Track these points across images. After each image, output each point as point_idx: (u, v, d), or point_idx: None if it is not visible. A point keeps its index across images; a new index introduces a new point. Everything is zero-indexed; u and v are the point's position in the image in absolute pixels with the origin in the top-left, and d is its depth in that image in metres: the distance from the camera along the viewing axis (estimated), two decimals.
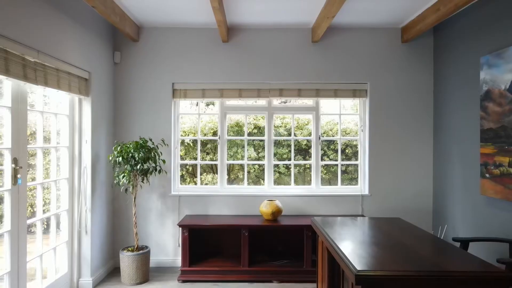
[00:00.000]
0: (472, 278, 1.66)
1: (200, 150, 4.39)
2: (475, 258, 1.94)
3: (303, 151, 4.90)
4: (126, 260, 3.47)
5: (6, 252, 2.48)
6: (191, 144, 4.79)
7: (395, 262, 1.84)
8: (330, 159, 4.77)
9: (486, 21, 3.10)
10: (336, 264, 2.49)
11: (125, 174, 3.43)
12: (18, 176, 2.52)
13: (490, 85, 2.97)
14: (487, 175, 3.00)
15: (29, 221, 2.69)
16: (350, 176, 4.80)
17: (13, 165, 2.48)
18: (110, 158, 3.45)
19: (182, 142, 4.50)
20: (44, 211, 2.96)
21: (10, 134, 2.46)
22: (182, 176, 4.54)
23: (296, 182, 4.50)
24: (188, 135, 4.78)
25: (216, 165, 4.32)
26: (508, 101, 2.78)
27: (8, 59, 2.30)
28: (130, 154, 3.39)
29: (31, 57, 2.52)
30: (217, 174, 4.23)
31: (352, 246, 2.14)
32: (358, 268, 1.74)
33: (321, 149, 4.23)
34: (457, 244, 3.25)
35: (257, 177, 5.00)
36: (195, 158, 4.66)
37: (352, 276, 1.72)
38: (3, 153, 2.47)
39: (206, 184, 4.97)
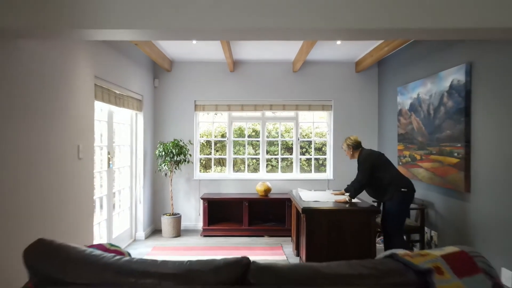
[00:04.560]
0: (356, 210, 3.37)
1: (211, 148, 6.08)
2: (372, 205, 3.62)
3: (290, 149, 6.58)
4: (166, 221, 5.17)
5: (104, 207, 4.17)
6: (204, 143, 6.48)
7: (325, 204, 3.53)
8: (310, 155, 6.46)
9: (402, 63, 4.80)
10: (300, 219, 4.15)
11: (166, 163, 5.12)
12: (110, 162, 4.22)
13: (401, 106, 4.66)
14: (400, 163, 4.69)
15: (113, 190, 4.38)
16: (326, 168, 6.48)
17: (108, 155, 4.18)
18: (157, 152, 5.14)
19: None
20: (119, 185, 4.66)
21: (106, 137, 4.16)
22: None
23: (283, 171, 6.18)
24: (202, 137, 6.47)
25: (223, 159, 6.00)
26: (408, 117, 4.47)
27: (110, 94, 4.00)
28: (170, 150, 5.08)
29: (117, 91, 4.22)
30: (223, 166, 5.90)
31: (306, 201, 3.83)
32: (303, 205, 3.44)
33: (303, 147, 5.86)
34: None
35: (255, 169, 6.68)
36: (208, 154, 6.36)
37: (300, 209, 3.42)
38: (103, 148, 4.16)
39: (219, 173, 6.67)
